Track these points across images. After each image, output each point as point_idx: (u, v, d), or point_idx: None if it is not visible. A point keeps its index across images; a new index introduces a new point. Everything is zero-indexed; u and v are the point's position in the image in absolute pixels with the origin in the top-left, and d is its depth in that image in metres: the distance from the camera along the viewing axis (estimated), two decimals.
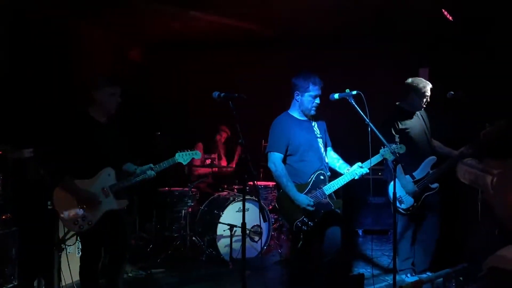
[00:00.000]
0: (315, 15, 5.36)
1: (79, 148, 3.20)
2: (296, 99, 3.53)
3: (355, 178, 3.43)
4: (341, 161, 3.62)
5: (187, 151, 3.57)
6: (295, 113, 3.58)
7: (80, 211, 3.19)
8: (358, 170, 3.42)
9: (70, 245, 3.92)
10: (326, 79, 3.56)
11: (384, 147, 3.43)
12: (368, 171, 3.43)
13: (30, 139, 4.21)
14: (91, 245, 3.29)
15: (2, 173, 3.74)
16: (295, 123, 3.53)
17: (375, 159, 3.44)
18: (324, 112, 3.67)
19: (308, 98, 3.47)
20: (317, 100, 3.49)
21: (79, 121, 3.30)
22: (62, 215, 3.20)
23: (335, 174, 3.56)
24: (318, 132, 3.57)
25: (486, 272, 1.00)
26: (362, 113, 3.25)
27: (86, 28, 5.71)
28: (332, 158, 3.67)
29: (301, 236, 3.38)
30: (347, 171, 3.47)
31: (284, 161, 3.50)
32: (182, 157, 3.53)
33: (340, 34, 6.13)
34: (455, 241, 4.48)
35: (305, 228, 3.37)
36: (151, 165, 3.39)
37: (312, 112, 3.53)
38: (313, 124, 3.59)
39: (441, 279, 3.15)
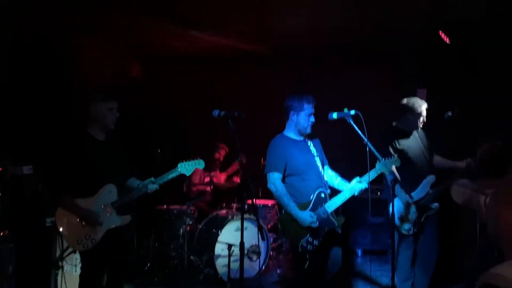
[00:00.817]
0: (312, 34, 5.44)
1: (78, 167, 3.19)
2: (291, 119, 3.58)
3: (355, 194, 3.44)
4: (339, 178, 3.65)
5: (189, 160, 3.52)
6: (290, 133, 3.63)
7: (83, 230, 3.16)
8: (357, 185, 3.43)
9: (68, 264, 3.90)
10: (323, 98, 3.61)
11: (379, 161, 3.44)
12: (367, 186, 3.43)
13: (30, 157, 4.22)
14: (92, 263, 3.26)
15: (0, 189, 3.74)
16: (291, 144, 3.57)
17: (372, 174, 3.44)
18: (322, 130, 3.70)
19: (304, 116, 3.53)
20: (312, 119, 3.55)
21: (77, 140, 3.29)
22: (65, 235, 3.19)
23: (334, 192, 3.57)
24: (315, 151, 3.61)
25: None
26: (360, 133, 3.27)
27: (84, 44, 5.77)
28: (330, 176, 3.69)
29: (307, 256, 3.36)
30: (346, 188, 3.48)
31: (283, 181, 3.51)
32: (185, 168, 3.47)
33: (337, 54, 6.20)
34: (453, 261, 4.46)
35: (311, 248, 3.36)
36: (152, 178, 3.37)
37: (308, 131, 3.58)
38: (309, 144, 3.63)
39: None
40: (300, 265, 3.42)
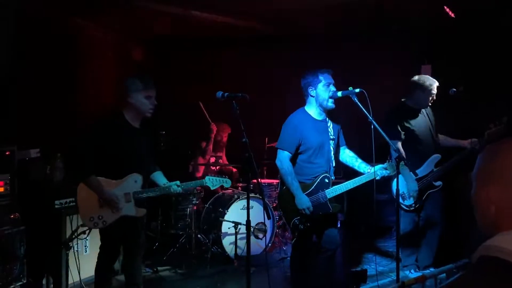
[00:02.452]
0: (316, 11, 5.36)
1: (110, 149, 3.18)
2: (311, 95, 3.49)
3: (377, 178, 3.42)
4: (360, 160, 3.61)
5: (217, 176, 3.65)
6: (311, 111, 3.54)
7: (98, 210, 3.20)
8: (380, 171, 3.41)
9: (84, 238, 3.97)
10: None
11: (389, 161, 3.47)
12: (389, 172, 3.44)
13: (37, 141, 4.25)
14: (106, 243, 3.34)
15: (9, 173, 3.78)
16: (310, 123, 3.50)
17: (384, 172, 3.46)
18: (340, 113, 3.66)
19: (322, 88, 3.44)
20: (332, 88, 3.45)
21: (113, 122, 3.26)
22: (80, 209, 3.23)
23: (345, 173, 3.57)
24: (332, 133, 3.56)
25: (477, 262, 1.03)
26: (365, 111, 3.26)
27: (87, 27, 5.73)
28: (350, 157, 3.68)
29: (296, 233, 3.46)
30: (369, 170, 3.47)
31: (293, 157, 3.50)
32: (211, 182, 3.58)
33: (341, 31, 6.13)
34: (458, 238, 4.50)
35: (302, 227, 3.42)
36: (178, 182, 3.40)
37: (331, 103, 3.46)
38: (328, 125, 3.56)
39: (444, 274, 3.18)
40: (294, 242, 3.54)
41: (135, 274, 3.48)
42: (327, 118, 3.57)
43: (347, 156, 3.69)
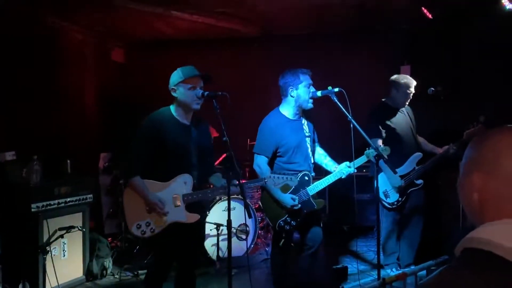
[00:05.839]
0: (295, 12, 5.39)
1: (155, 148, 2.93)
2: (291, 96, 3.47)
3: (342, 177, 3.47)
4: (328, 158, 3.64)
5: (279, 174, 3.14)
6: (286, 111, 3.54)
7: (145, 216, 2.95)
8: (345, 169, 3.44)
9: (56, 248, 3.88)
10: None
11: (369, 148, 3.45)
12: (355, 171, 3.47)
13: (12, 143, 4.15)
14: (157, 254, 3.09)
15: None
16: (285, 124, 3.50)
17: (361, 160, 3.47)
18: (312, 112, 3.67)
19: (303, 89, 3.44)
20: (312, 89, 3.46)
21: (158, 119, 3.00)
22: (127, 216, 2.98)
23: (319, 170, 3.59)
24: (307, 130, 3.58)
25: (460, 255, 1.03)
26: (344, 110, 3.28)
27: (66, 28, 5.65)
28: (319, 154, 3.70)
29: (283, 235, 3.44)
30: (335, 169, 3.49)
31: (272, 160, 3.50)
32: (273, 180, 3.05)
33: (320, 32, 6.17)
34: (438, 236, 4.56)
35: (288, 228, 3.43)
36: (235, 181, 2.98)
37: (310, 104, 3.47)
38: (303, 122, 3.58)
39: (424, 271, 3.21)
40: (276, 243, 3.52)
41: None
42: (301, 117, 3.59)
43: (317, 153, 3.72)
